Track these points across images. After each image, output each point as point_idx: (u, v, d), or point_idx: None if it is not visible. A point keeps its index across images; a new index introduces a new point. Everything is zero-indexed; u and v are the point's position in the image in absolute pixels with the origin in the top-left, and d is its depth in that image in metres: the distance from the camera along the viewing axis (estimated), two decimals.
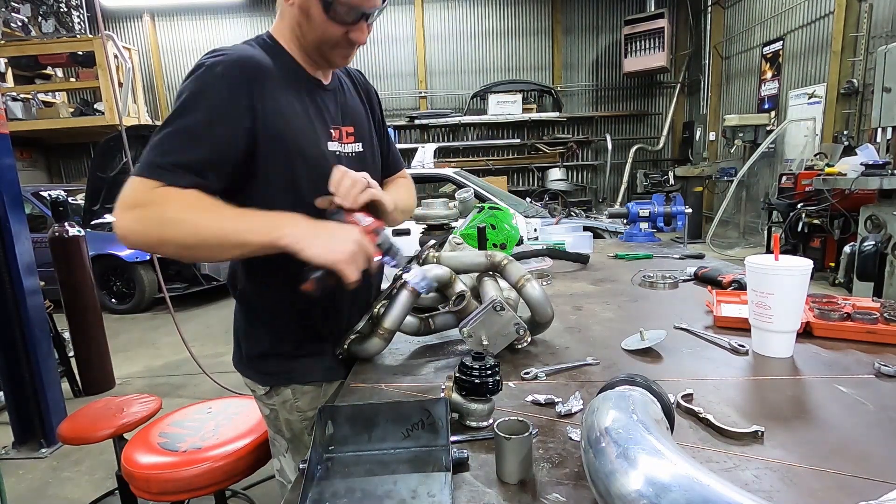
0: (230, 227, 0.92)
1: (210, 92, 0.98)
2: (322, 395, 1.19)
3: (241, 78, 1.00)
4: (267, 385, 1.20)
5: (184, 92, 0.98)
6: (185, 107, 0.97)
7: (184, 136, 0.95)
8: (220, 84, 0.98)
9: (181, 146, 0.94)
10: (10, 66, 8.23)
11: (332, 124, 1.16)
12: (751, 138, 8.04)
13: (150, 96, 10.53)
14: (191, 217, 0.90)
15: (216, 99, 0.98)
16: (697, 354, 1.14)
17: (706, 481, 0.52)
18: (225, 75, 0.99)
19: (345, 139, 1.19)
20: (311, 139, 1.10)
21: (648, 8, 9.96)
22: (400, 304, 1.15)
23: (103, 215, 6.21)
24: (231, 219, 0.93)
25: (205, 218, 0.91)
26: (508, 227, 2.05)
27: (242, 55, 1.04)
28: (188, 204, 0.91)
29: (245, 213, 0.94)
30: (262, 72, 1.03)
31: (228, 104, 0.98)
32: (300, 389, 1.18)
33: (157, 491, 1.55)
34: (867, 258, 4.22)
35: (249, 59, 1.03)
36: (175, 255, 0.96)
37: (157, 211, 0.90)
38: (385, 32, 10.48)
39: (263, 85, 1.02)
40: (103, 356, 3.85)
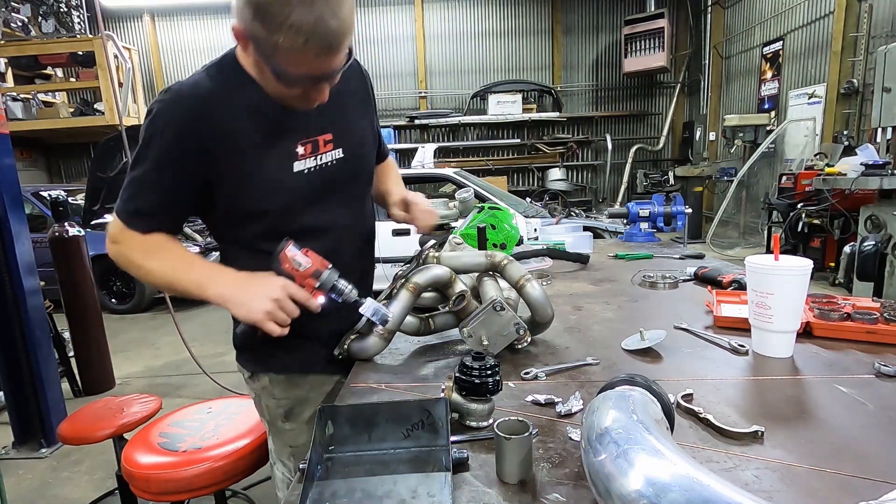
0: (173, 279, 1.09)
1: (156, 142, 1.03)
2: (295, 385, 1.22)
3: (187, 123, 1.02)
4: (249, 371, 1.26)
5: (140, 137, 1.05)
6: (138, 156, 1.05)
7: (137, 185, 1.06)
8: (166, 132, 1.02)
9: (136, 194, 1.07)
10: (10, 66, 8.23)
11: (301, 140, 1.10)
12: (751, 138, 8.04)
13: (150, 96, 10.51)
14: (145, 265, 1.09)
15: (162, 150, 1.03)
16: (697, 354, 1.14)
17: (706, 481, 0.52)
18: (170, 123, 1.02)
19: (321, 149, 1.14)
20: (270, 169, 1.08)
21: (648, 8, 9.95)
22: (399, 304, 1.15)
23: (103, 215, 6.21)
24: (174, 270, 1.09)
25: (155, 267, 1.09)
26: (508, 227, 2.05)
27: (189, 97, 1.03)
28: (144, 251, 1.09)
29: (186, 266, 1.08)
30: (211, 110, 1.02)
31: (174, 152, 1.03)
32: (275, 378, 1.22)
33: (157, 491, 1.55)
34: (867, 258, 4.22)
35: (196, 101, 1.03)
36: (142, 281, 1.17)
37: (125, 252, 1.09)
38: (385, 32, 10.48)
39: (214, 124, 1.03)
40: (103, 356, 3.85)
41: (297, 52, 0.91)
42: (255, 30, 0.91)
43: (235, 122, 1.05)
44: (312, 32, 0.88)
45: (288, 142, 1.10)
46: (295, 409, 1.22)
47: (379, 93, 10.79)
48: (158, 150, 1.03)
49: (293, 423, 1.23)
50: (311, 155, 1.13)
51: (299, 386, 1.22)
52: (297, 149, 1.10)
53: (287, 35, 0.88)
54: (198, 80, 1.06)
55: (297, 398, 1.22)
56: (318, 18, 0.87)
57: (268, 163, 1.08)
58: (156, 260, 1.09)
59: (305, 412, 1.22)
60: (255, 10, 0.89)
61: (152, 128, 1.03)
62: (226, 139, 1.04)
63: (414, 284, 1.17)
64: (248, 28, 0.92)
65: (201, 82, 1.05)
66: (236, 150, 1.05)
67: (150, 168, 1.04)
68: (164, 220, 1.10)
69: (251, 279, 1.05)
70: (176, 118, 1.02)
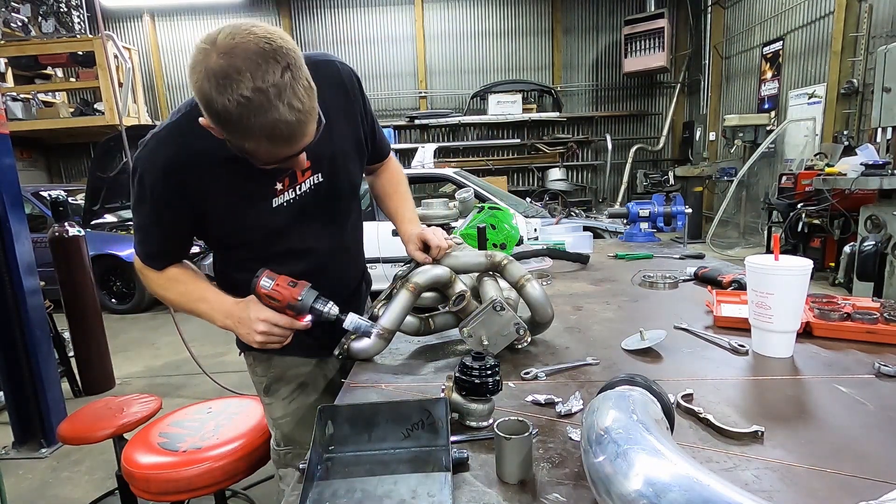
0: (188, 309, 1.22)
1: (147, 195, 1.11)
2: (273, 366, 1.32)
3: (169, 174, 1.08)
4: (241, 348, 1.35)
5: (132, 189, 1.14)
6: (137, 206, 1.15)
7: (144, 232, 1.19)
8: (155, 187, 1.10)
9: (145, 240, 1.20)
10: (10, 66, 8.23)
11: (276, 176, 1.13)
12: (751, 138, 8.03)
13: (150, 96, 10.52)
14: (166, 295, 1.24)
15: (154, 201, 1.12)
16: (697, 354, 1.14)
17: (706, 481, 0.52)
18: (155, 177, 1.09)
19: (300, 178, 1.17)
20: (247, 210, 1.14)
21: (648, 8, 9.95)
22: (399, 303, 1.15)
23: (103, 215, 6.21)
24: (188, 303, 1.21)
25: (173, 298, 1.23)
26: (508, 227, 2.05)
27: (167, 151, 1.08)
28: (163, 286, 1.23)
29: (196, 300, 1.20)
30: (189, 160, 1.07)
31: (165, 201, 1.11)
32: (258, 356, 1.33)
33: (157, 491, 1.55)
34: (867, 258, 4.22)
35: (175, 153, 1.07)
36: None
37: (149, 284, 1.25)
38: (385, 32, 10.48)
39: (193, 170, 1.08)
40: (103, 356, 3.85)
41: (263, 149, 0.94)
42: (221, 132, 0.94)
43: (211, 170, 1.08)
44: (273, 133, 0.90)
45: (264, 183, 1.13)
46: (272, 385, 1.34)
47: (379, 93, 10.90)
48: (152, 202, 1.12)
49: (271, 398, 1.35)
50: (288, 188, 1.16)
51: (276, 366, 1.32)
52: (275, 185, 1.14)
53: (250, 140, 0.92)
54: (172, 130, 1.09)
55: (274, 376, 1.33)
56: (277, 120, 0.88)
57: (245, 205, 1.14)
58: (172, 292, 1.23)
59: (281, 389, 1.34)
60: (216, 119, 0.91)
61: (141, 185, 1.10)
62: (205, 185, 1.10)
63: (414, 284, 1.17)
64: (214, 128, 0.94)
65: (176, 131, 1.09)
66: (214, 194, 1.11)
67: (149, 218, 1.15)
68: (174, 254, 1.22)
69: (241, 313, 1.13)
70: (158, 170, 1.08)
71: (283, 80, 0.87)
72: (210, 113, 0.90)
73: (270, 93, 0.86)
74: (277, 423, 1.35)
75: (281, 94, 0.86)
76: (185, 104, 1.10)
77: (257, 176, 1.07)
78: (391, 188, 1.47)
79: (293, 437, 1.34)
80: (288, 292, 1.08)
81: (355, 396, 1.02)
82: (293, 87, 0.88)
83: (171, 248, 1.22)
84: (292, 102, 0.88)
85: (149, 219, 1.16)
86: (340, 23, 10.55)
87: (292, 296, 1.08)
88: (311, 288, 1.11)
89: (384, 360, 1.20)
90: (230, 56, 0.85)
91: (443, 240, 1.26)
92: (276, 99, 0.86)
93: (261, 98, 0.86)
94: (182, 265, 1.24)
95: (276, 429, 1.37)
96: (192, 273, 1.24)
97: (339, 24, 10.55)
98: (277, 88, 0.86)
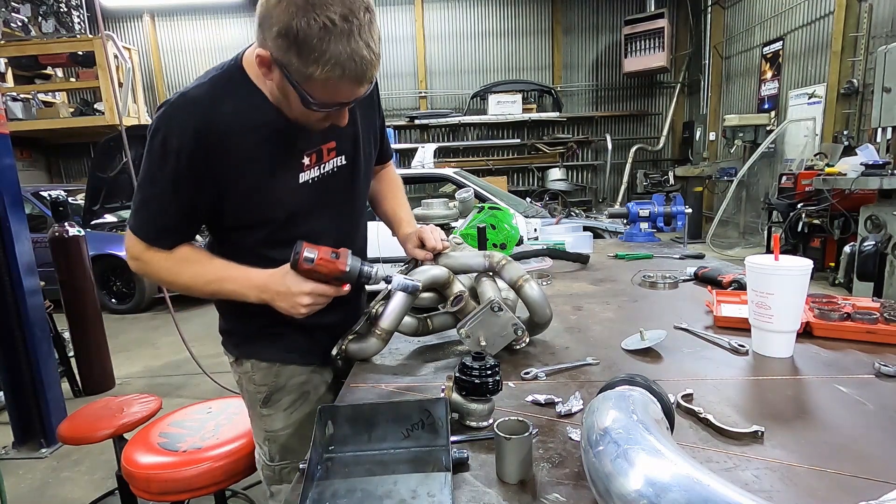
0: (208, 291, 1.12)
1: (167, 162, 1.02)
2: (275, 375, 1.24)
3: (197, 136, 1.00)
4: (234, 355, 1.27)
5: (148, 153, 1.04)
6: (150, 173, 1.05)
7: (154, 204, 1.07)
8: (177, 153, 1.01)
9: (155, 214, 1.08)
10: (10, 66, 8.23)
11: (305, 150, 1.11)
12: (751, 138, 8.04)
13: (150, 96, 10.52)
14: (178, 281, 1.12)
15: (174, 169, 1.02)
16: (697, 354, 1.14)
17: (706, 481, 0.52)
18: (181, 137, 1.00)
19: (325, 157, 1.15)
20: (275, 184, 1.09)
21: (648, 8, 9.95)
22: (397, 304, 1.15)
23: (103, 215, 6.21)
24: (209, 284, 1.11)
25: (188, 281, 1.11)
26: (508, 227, 2.05)
27: (197, 108, 1.01)
28: (173, 269, 1.11)
29: (220, 279, 1.10)
30: (219, 123, 1.01)
31: (188, 167, 1.02)
32: (257, 365, 1.24)
33: (157, 491, 1.55)
34: (867, 258, 4.22)
35: (204, 113, 1.01)
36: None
37: (151, 271, 1.12)
38: (385, 32, 10.45)
39: (222, 136, 1.02)
40: (103, 356, 3.85)
41: (330, 83, 0.93)
42: (288, 60, 0.91)
43: (243, 137, 1.04)
44: (347, 65, 0.90)
45: (294, 154, 1.11)
46: (273, 395, 1.25)
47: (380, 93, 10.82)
48: (175, 168, 1.02)
49: (271, 409, 1.25)
50: (315, 165, 1.14)
51: (279, 375, 1.24)
52: (303, 160, 1.11)
53: (323, 68, 0.90)
54: (204, 91, 1.04)
55: (275, 386, 1.24)
56: (354, 52, 0.89)
57: (273, 177, 1.09)
58: (184, 275, 1.11)
59: (283, 399, 1.25)
60: (291, 41, 0.88)
61: (164, 148, 1.01)
62: (233, 153, 1.04)
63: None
64: (279, 57, 0.91)
65: (207, 93, 1.04)
66: (243, 163, 1.05)
67: (167, 187, 1.04)
68: (186, 234, 1.12)
69: (279, 287, 1.06)
70: (188, 132, 1.00)
71: (365, 19, 0.90)
72: (284, 35, 0.88)
73: (354, 24, 0.88)
74: (275, 437, 1.26)
75: (362, 31, 0.89)
76: (214, 68, 1.08)
77: (287, 147, 1.08)
78: (390, 192, 1.46)
79: (292, 449, 1.25)
80: (333, 265, 1.04)
81: (355, 396, 1.02)
82: (371, 29, 0.92)
83: (185, 226, 1.11)
84: (370, 42, 0.91)
85: (166, 188, 1.04)
86: None
87: (338, 268, 1.05)
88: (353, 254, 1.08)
89: (384, 360, 1.20)
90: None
91: (439, 239, 1.26)
92: (357, 32, 0.89)
93: (345, 26, 0.87)
94: (191, 245, 1.13)
95: (271, 443, 1.26)
96: (203, 252, 1.13)
97: None
98: (360, 24, 0.89)
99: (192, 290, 1.12)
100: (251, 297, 1.09)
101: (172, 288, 1.16)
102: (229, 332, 1.28)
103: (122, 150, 4.48)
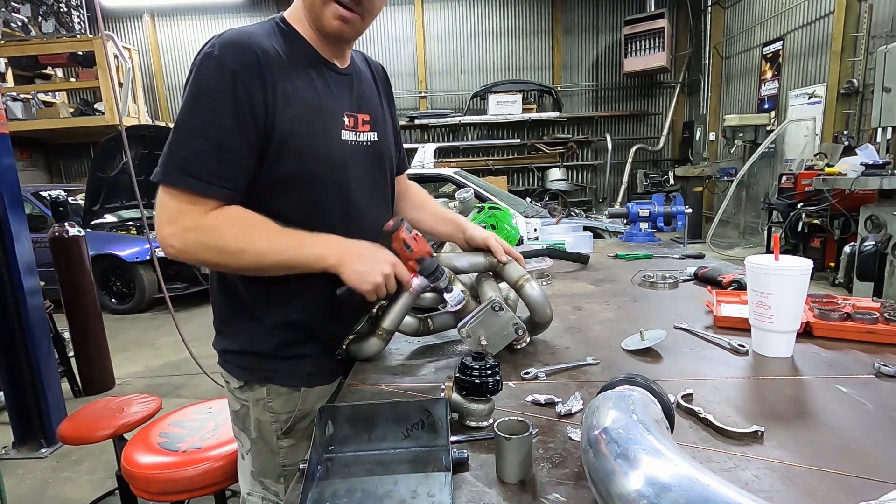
0: (285, 257, 0.98)
1: (225, 87, 0.93)
2: (300, 401, 1.11)
3: (257, 70, 0.95)
4: (242, 380, 1.13)
5: (191, 88, 0.94)
6: (196, 108, 0.94)
7: (210, 139, 0.93)
8: (226, 75, 0.93)
9: (212, 151, 0.93)
10: (10, 66, 8.24)
11: (346, 110, 1.11)
12: (751, 138, 8.04)
13: (150, 96, 10.53)
14: (249, 248, 0.96)
15: (233, 97, 0.93)
16: (697, 354, 1.14)
17: (706, 481, 0.52)
18: (236, 69, 0.93)
19: (360, 127, 1.13)
20: (322, 129, 1.05)
21: (648, 8, 9.96)
22: (399, 304, 1.15)
23: (103, 215, 6.22)
24: (286, 249, 0.98)
25: (264, 248, 0.97)
26: (508, 227, 2.05)
27: (248, 43, 0.96)
28: (241, 230, 0.96)
29: (298, 242, 0.99)
30: (265, 56, 0.97)
31: (241, 95, 0.93)
32: (276, 390, 1.11)
33: (157, 491, 1.55)
34: (867, 258, 4.22)
35: (255, 46, 0.96)
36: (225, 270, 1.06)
37: (215, 239, 0.95)
38: (385, 32, 10.48)
39: (266, 71, 0.97)
40: (103, 356, 3.85)
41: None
42: None
43: (292, 74, 1.01)
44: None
45: (337, 108, 1.09)
46: (297, 424, 1.12)
47: None
48: (234, 95, 0.92)
49: (292, 439, 1.12)
50: (353, 129, 1.12)
51: (305, 400, 1.12)
52: (343, 118, 1.10)
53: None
54: (252, 29, 1.01)
55: (301, 413, 1.12)
56: None
57: (318, 121, 1.05)
58: (264, 241, 0.96)
59: (308, 426, 1.11)
60: None
61: (219, 65, 0.92)
62: (278, 80, 0.98)
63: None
64: None
65: (256, 30, 1.01)
66: (290, 102, 0.99)
67: (228, 119, 0.92)
68: (242, 185, 0.98)
69: (366, 251, 1.03)
70: (244, 52, 0.94)
71: None
72: None
73: None
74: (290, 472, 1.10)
75: None
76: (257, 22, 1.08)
77: (331, 96, 1.08)
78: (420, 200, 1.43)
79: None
80: (424, 245, 1.06)
81: (355, 396, 1.02)
82: None
83: (245, 168, 0.97)
84: None
85: (224, 114, 0.92)
86: None
87: (427, 250, 1.06)
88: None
89: (384, 360, 1.20)
90: None
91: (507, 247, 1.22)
92: None
93: None
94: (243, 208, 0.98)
95: (283, 479, 1.12)
96: (261, 216, 0.99)
97: None
98: None
99: (263, 260, 0.97)
100: (330, 258, 0.99)
101: (236, 259, 0.97)
102: (239, 352, 1.13)
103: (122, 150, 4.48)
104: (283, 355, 1.11)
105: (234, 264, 0.98)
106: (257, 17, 10.38)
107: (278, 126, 0.98)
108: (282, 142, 0.99)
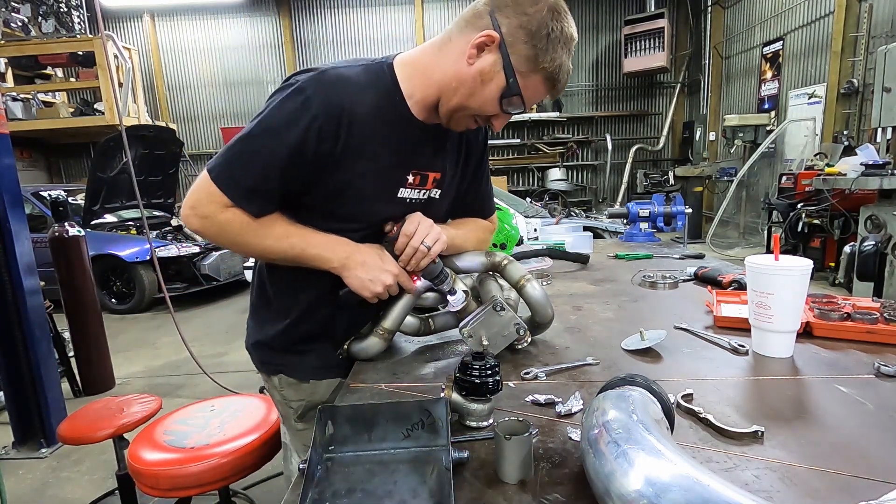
0: (291, 255, 1.06)
1: (292, 121, 0.98)
2: (310, 392, 1.21)
3: (335, 107, 0.99)
4: (259, 369, 1.27)
5: (273, 109, 0.99)
6: (265, 129, 0.99)
7: (258, 161, 1.00)
8: (305, 117, 0.97)
9: (256, 171, 1.00)
10: (10, 66, 8.24)
11: (415, 168, 1.11)
12: (751, 138, 8.04)
13: (150, 96, 10.53)
14: (260, 244, 1.06)
15: (297, 132, 0.98)
16: (697, 354, 1.14)
17: (706, 481, 0.52)
18: (316, 114, 0.98)
19: (427, 184, 1.15)
20: (380, 188, 1.09)
21: (648, 8, 9.96)
22: (400, 304, 1.15)
23: (103, 215, 6.22)
24: (293, 247, 1.05)
25: (271, 245, 1.05)
26: (508, 227, 2.05)
27: (346, 84, 1.01)
28: (255, 230, 1.04)
29: (304, 242, 1.06)
30: (351, 112, 1.00)
31: (309, 140, 0.99)
32: (286, 380, 1.22)
33: (166, 487, 1.55)
34: (867, 258, 4.22)
35: (349, 90, 1.00)
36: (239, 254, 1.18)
37: (227, 232, 1.04)
38: (385, 32, 10.48)
39: (354, 118, 1.00)
40: (103, 356, 3.85)
41: (543, 81, 1.01)
42: (519, 49, 0.98)
43: (375, 129, 1.03)
44: (563, 71, 1.02)
45: (404, 166, 1.10)
46: (309, 412, 1.21)
47: None
48: (303, 132, 0.97)
49: (307, 423, 1.22)
50: (416, 186, 1.13)
51: (314, 392, 1.21)
52: (408, 176, 1.11)
53: (552, 64, 0.99)
54: (356, 74, 1.04)
55: (311, 402, 1.21)
56: (566, 65, 1.02)
57: (379, 179, 1.08)
58: (272, 237, 1.05)
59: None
60: (533, 33, 0.97)
61: (304, 105, 0.97)
62: (359, 140, 1.02)
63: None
64: (512, 42, 0.97)
65: (359, 77, 1.04)
66: (362, 154, 1.04)
67: (283, 147, 0.98)
68: (277, 205, 1.06)
69: (370, 258, 1.07)
70: (333, 104, 0.98)
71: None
72: (526, 27, 0.97)
73: (572, 47, 1.04)
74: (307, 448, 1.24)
75: (571, 55, 1.05)
76: (365, 58, 1.08)
77: (404, 155, 1.09)
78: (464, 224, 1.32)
79: None
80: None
81: (355, 396, 1.02)
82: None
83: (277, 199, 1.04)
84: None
85: (281, 149, 0.98)
86: (340, 23, 10.55)
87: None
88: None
89: (384, 360, 1.20)
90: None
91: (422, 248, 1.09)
92: (571, 54, 1.04)
93: (571, 45, 1.03)
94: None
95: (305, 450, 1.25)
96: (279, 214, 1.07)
97: (339, 24, 10.56)
98: (572, 50, 1.05)
99: (271, 254, 1.08)
100: (334, 262, 1.06)
101: (245, 251, 1.08)
102: (256, 343, 1.24)
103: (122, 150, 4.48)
104: (286, 350, 1.20)
105: (243, 254, 1.11)
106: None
107: (340, 174, 1.04)
108: (338, 188, 1.05)
